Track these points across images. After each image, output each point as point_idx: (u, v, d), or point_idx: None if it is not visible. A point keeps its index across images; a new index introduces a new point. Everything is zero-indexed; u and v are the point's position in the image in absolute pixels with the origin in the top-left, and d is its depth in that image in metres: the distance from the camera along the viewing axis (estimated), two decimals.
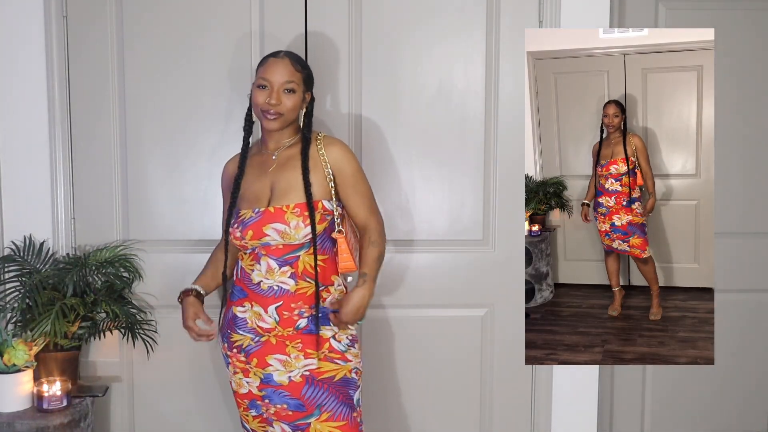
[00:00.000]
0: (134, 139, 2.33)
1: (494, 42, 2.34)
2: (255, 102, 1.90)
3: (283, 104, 1.88)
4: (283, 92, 1.88)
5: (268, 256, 1.89)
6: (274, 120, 1.89)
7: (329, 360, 1.90)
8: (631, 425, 2.66)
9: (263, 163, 1.96)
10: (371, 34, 2.31)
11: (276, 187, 1.90)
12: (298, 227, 1.85)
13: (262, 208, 1.89)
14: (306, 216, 1.85)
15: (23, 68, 2.26)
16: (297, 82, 1.90)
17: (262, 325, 1.91)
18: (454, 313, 2.41)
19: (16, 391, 2.07)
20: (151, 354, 2.32)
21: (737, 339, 2.63)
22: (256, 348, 1.93)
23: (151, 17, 2.29)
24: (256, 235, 1.87)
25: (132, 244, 2.35)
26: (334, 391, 1.89)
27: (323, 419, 1.88)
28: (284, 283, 1.88)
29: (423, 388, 2.44)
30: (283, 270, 1.88)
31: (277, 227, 1.85)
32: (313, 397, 1.89)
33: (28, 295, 2.09)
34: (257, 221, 1.87)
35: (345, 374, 1.91)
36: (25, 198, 2.29)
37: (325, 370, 1.90)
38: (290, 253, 1.88)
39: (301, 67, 1.94)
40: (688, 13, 2.51)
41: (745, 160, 2.58)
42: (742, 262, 2.61)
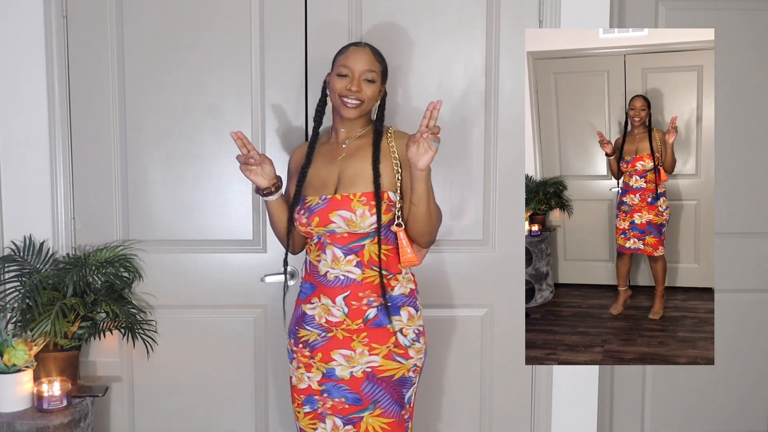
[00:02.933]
0: (134, 139, 2.33)
1: (494, 42, 2.34)
2: (334, 88, 1.91)
3: (363, 92, 1.90)
4: (363, 81, 1.91)
5: (333, 245, 1.90)
6: (354, 108, 1.90)
7: (392, 357, 1.92)
8: (631, 425, 2.66)
9: (332, 152, 1.98)
10: (371, 33, 2.31)
11: (344, 175, 1.92)
12: (363, 216, 1.86)
13: (329, 195, 1.91)
14: (372, 205, 1.86)
15: (23, 68, 2.26)
16: (377, 71, 1.93)
17: (331, 319, 1.92)
18: (454, 313, 2.42)
19: (16, 391, 2.06)
20: (151, 354, 2.32)
21: (737, 339, 2.63)
22: (322, 343, 1.94)
23: (151, 17, 2.29)
24: (322, 221, 1.89)
25: (132, 244, 2.35)
26: (390, 390, 1.92)
27: (376, 414, 1.91)
28: (350, 272, 1.90)
29: (423, 388, 2.44)
30: (349, 259, 1.90)
31: (344, 214, 1.87)
32: (372, 393, 1.91)
33: (28, 295, 2.09)
34: (324, 208, 1.89)
35: (404, 373, 1.93)
36: (25, 198, 2.30)
37: (386, 369, 1.91)
38: (355, 242, 1.89)
39: (380, 58, 1.97)
40: (688, 13, 2.51)
41: (745, 160, 2.58)
42: (742, 262, 2.61)
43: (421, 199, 1.83)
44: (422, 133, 1.74)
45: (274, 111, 2.32)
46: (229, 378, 2.41)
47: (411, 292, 1.97)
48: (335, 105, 1.94)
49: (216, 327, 2.38)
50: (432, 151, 1.75)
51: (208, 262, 2.37)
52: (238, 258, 2.36)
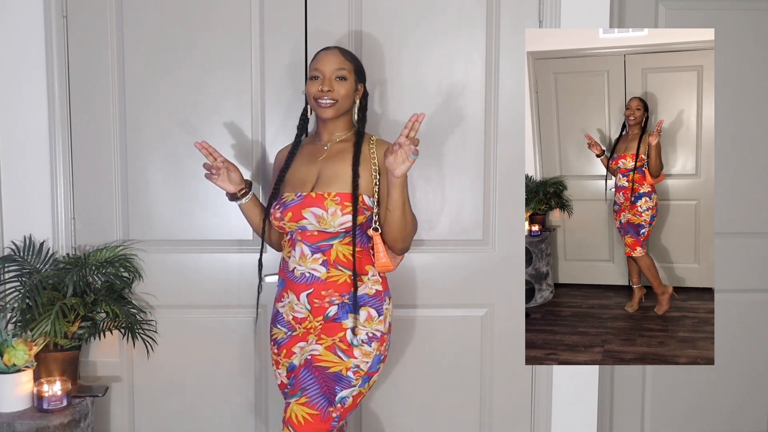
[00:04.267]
0: (134, 139, 2.33)
1: (494, 42, 2.34)
2: (309, 93, 1.96)
3: (336, 91, 1.94)
4: (335, 80, 1.94)
5: (302, 242, 1.93)
6: (329, 107, 1.94)
7: (333, 350, 1.90)
8: (631, 425, 2.66)
9: (314, 153, 2.01)
10: (371, 33, 2.31)
11: (322, 175, 1.95)
12: (335, 214, 1.88)
13: (305, 192, 1.94)
14: (345, 205, 1.88)
15: (23, 68, 2.26)
16: (348, 69, 1.96)
17: (297, 315, 1.97)
18: (454, 313, 2.42)
19: (16, 391, 2.07)
20: (151, 354, 2.32)
21: (737, 339, 2.63)
22: (287, 340, 2.00)
23: (152, 17, 2.30)
24: (294, 217, 1.92)
25: (132, 244, 2.35)
26: (321, 381, 1.88)
27: (301, 402, 1.86)
28: (316, 270, 1.92)
29: (423, 388, 2.44)
30: (315, 257, 1.92)
31: (315, 211, 1.89)
32: (302, 380, 1.90)
33: (28, 295, 2.09)
34: (297, 204, 1.92)
35: (341, 370, 1.89)
36: (25, 198, 2.30)
37: (324, 359, 1.90)
38: (324, 241, 1.92)
39: (351, 57, 2.00)
40: (688, 13, 2.51)
41: (745, 160, 2.58)
42: (742, 262, 2.61)
43: (396, 205, 1.86)
44: (401, 144, 1.77)
45: (273, 111, 2.32)
46: (229, 378, 2.41)
47: (376, 293, 1.96)
48: (313, 109, 1.98)
49: (216, 327, 2.38)
50: (409, 161, 1.79)
51: (208, 262, 2.37)
52: (238, 258, 2.37)
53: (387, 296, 1.99)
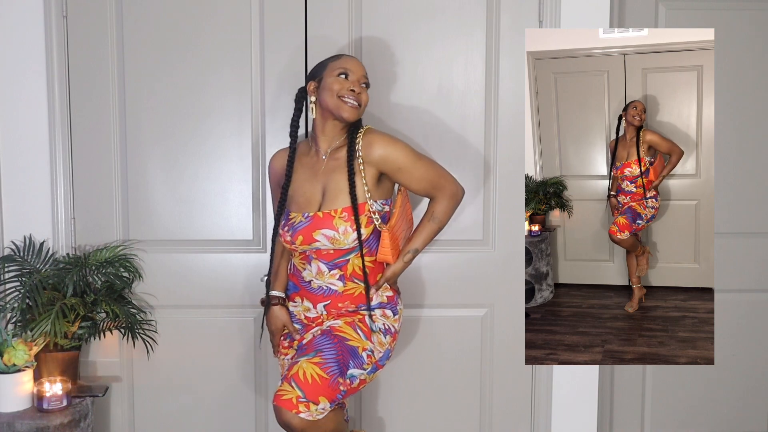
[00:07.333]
0: (134, 139, 2.33)
1: (494, 42, 2.34)
2: (332, 89, 1.88)
3: (364, 94, 1.92)
4: (362, 85, 1.92)
5: (318, 260, 1.93)
6: (355, 108, 1.89)
7: (353, 326, 1.91)
8: (631, 425, 2.66)
9: (314, 165, 1.97)
10: (371, 33, 2.31)
11: (327, 191, 1.92)
12: (346, 233, 1.87)
13: (312, 212, 1.91)
14: (353, 220, 1.87)
15: (23, 68, 2.26)
16: (368, 82, 1.96)
17: (310, 315, 2.00)
18: (454, 313, 2.42)
19: (16, 391, 2.07)
20: (151, 354, 2.32)
21: (737, 339, 2.63)
22: (300, 334, 2.03)
23: (152, 17, 2.29)
24: (306, 240, 1.90)
25: (132, 244, 2.35)
26: (338, 348, 1.86)
27: (314, 361, 1.81)
28: (333, 285, 1.94)
29: (423, 388, 2.44)
30: (333, 273, 1.93)
31: (327, 233, 1.88)
32: (319, 342, 1.87)
33: (28, 295, 2.09)
34: (307, 226, 1.90)
35: (358, 346, 1.89)
36: (25, 198, 2.29)
37: (344, 331, 1.90)
38: (340, 258, 1.92)
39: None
40: (688, 13, 2.51)
41: (745, 160, 2.58)
42: (742, 262, 2.61)
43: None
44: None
45: (274, 111, 2.32)
46: (229, 378, 2.41)
47: (389, 299, 1.99)
48: (332, 108, 1.90)
49: (216, 327, 2.38)
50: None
51: (208, 262, 2.37)
52: (238, 258, 2.37)
53: (399, 299, 2.03)
